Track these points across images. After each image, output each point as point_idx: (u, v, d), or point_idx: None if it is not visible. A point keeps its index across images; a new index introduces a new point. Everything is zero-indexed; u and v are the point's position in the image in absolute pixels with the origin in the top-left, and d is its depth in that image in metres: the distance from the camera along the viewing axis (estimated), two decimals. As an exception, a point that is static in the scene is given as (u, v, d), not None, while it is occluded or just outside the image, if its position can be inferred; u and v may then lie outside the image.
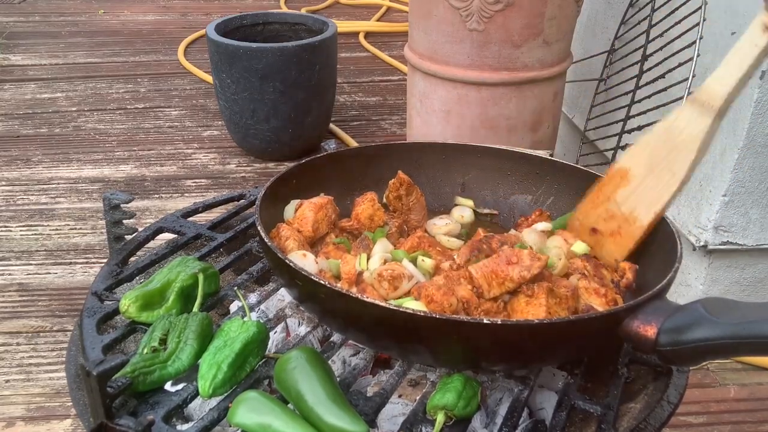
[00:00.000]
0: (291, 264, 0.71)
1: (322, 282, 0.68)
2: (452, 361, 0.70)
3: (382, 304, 0.65)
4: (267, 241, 0.75)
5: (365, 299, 0.66)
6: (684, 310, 0.63)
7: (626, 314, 0.65)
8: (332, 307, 0.71)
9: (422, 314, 0.64)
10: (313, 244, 0.88)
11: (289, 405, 0.66)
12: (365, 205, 0.91)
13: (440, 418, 0.65)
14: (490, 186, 1.02)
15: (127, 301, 0.75)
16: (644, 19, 1.86)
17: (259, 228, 0.77)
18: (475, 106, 1.83)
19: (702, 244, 1.64)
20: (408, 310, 0.64)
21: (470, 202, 1.02)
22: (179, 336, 0.70)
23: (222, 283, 0.85)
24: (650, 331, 0.63)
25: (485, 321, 0.64)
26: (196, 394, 0.67)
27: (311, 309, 0.78)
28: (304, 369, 0.66)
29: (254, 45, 2.33)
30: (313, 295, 0.71)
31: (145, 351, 0.68)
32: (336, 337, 0.77)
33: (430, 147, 1.03)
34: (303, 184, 0.92)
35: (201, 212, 1.02)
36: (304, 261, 0.80)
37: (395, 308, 0.64)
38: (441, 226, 0.96)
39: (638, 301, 0.65)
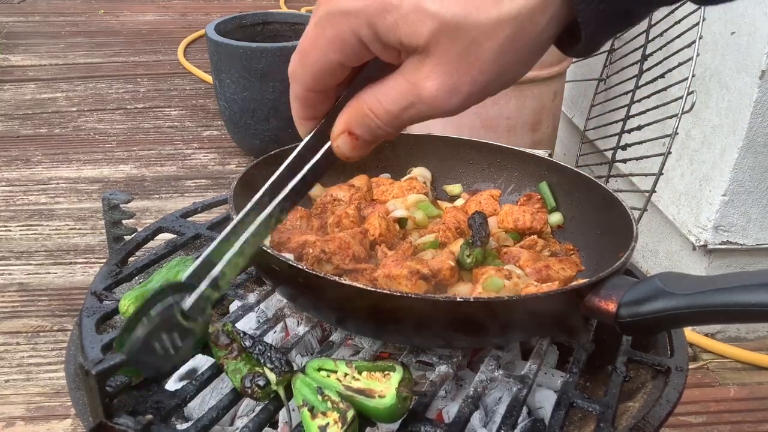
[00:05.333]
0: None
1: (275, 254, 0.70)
2: (419, 338, 0.73)
3: (332, 278, 0.67)
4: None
5: (319, 275, 0.67)
6: (642, 284, 0.67)
7: (588, 290, 0.69)
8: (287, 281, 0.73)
9: (370, 289, 0.66)
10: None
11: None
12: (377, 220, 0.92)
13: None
14: (453, 175, 1.05)
15: (127, 302, 0.75)
16: (644, 18, 1.86)
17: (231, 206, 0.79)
18: (474, 105, 1.83)
19: (702, 243, 1.64)
20: (357, 285, 0.66)
21: (459, 188, 1.05)
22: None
23: (221, 283, 0.85)
24: (611, 305, 0.67)
25: (458, 299, 0.66)
26: (196, 393, 0.67)
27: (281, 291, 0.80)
28: None
29: (254, 45, 2.33)
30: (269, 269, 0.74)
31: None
32: (335, 337, 0.78)
33: (396, 137, 1.06)
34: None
35: (200, 212, 1.02)
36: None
37: (338, 281, 0.66)
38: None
39: (599, 277, 0.69)
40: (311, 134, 0.54)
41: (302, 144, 0.54)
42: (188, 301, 0.55)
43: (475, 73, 0.44)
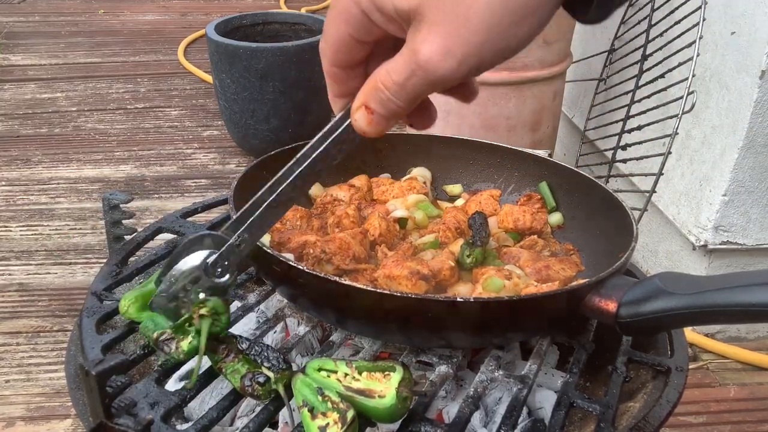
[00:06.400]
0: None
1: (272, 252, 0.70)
2: (420, 338, 0.73)
3: (333, 278, 0.67)
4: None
5: (320, 275, 0.67)
6: (642, 285, 0.67)
7: (588, 290, 0.69)
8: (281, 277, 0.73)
9: (370, 290, 0.66)
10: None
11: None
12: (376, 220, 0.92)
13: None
14: (453, 175, 1.05)
15: (127, 302, 0.75)
16: (644, 18, 1.86)
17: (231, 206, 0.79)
18: (474, 106, 1.83)
19: (702, 243, 1.64)
20: (357, 286, 0.66)
21: (459, 187, 1.05)
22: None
23: (221, 283, 0.85)
24: (611, 305, 0.67)
25: (458, 299, 0.66)
26: (196, 393, 0.67)
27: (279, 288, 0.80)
28: None
29: (254, 45, 2.33)
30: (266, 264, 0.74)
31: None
32: (335, 337, 0.78)
33: (395, 138, 1.06)
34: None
35: (200, 212, 1.02)
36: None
37: (338, 282, 0.66)
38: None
39: (599, 277, 0.69)
40: (342, 112, 0.56)
41: (333, 120, 0.57)
42: (212, 258, 0.61)
43: (466, 33, 0.44)
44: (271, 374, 0.64)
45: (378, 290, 0.67)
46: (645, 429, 0.68)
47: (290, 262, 0.70)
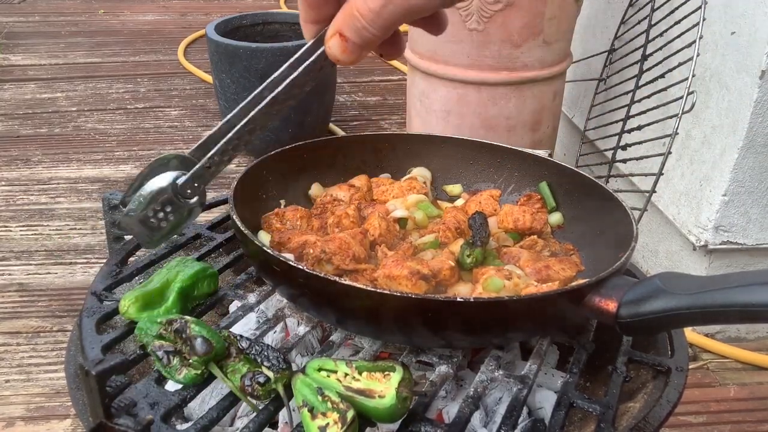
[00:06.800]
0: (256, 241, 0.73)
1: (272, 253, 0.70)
2: (420, 338, 0.73)
3: (332, 278, 0.67)
4: (239, 223, 0.76)
5: (318, 274, 0.68)
6: (642, 284, 0.67)
7: (588, 290, 0.69)
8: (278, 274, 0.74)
9: (373, 290, 0.66)
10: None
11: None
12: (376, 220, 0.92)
13: None
14: (453, 175, 1.05)
15: (127, 302, 0.75)
16: (644, 18, 1.86)
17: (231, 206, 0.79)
18: (474, 105, 1.83)
19: (702, 243, 1.64)
20: (357, 286, 0.66)
21: (459, 188, 1.05)
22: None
23: (221, 283, 0.85)
24: (611, 305, 0.67)
25: (458, 299, 0.67)
26: (196, 393, 0.67)
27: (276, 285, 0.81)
28: None
29: (254, 45, 2.33)
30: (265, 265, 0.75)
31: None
32: (335, 337, 0.78)
33: (395, 138, 1.06)
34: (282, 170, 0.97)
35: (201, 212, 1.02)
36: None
37: (338, 282, 0.67)
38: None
39: (600, 277, 0.69)
40: (314, 39, 0.57)
41: (304, 47, 0.58)
42: (182, 179, 0.62)
43: None
44: (271, 374, 0.64)
45: (378, 290, 0.67)
46: (645, 429, 0.68)
47: (290, 262, 0.70)
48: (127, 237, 0.94)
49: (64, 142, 2.71)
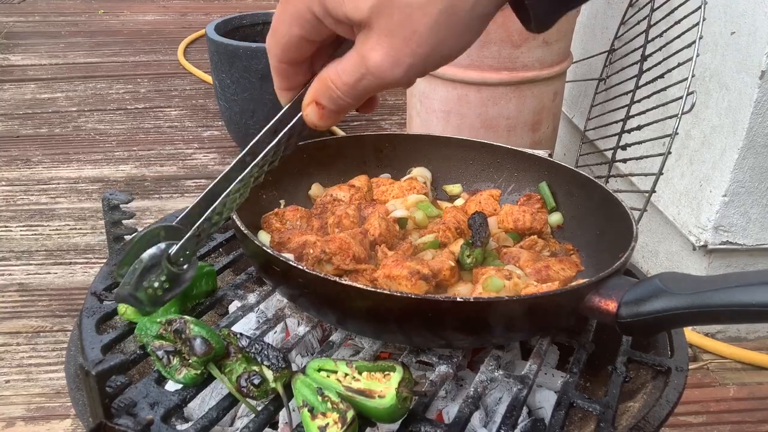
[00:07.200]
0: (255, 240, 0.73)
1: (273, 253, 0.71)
2: (420, 338, 0.73)
3: (333, 278, 0.68)
4: (239, 226, 0.76)
5: (320, 275, 0.68)
6: (642, 284, 0.67)
7: (588, 290, 0.69)
8: (279, 275, 0.74)
9: (371, 290, 0.66)
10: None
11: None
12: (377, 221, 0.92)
13: None
14: (453, 175, 1.05)
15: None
16: (644, 19, 1.86)
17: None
18: (475, 106, 1.83)
19: (702, 244, 1.64)
20: (358, 285, 0.66)
21: (458, 187, 1.05)
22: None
23: (221, 283, 0.85)
24: (611, 305, 0.67)
25: (458, 299, 0.67)
26: (196, 393, 0.67)
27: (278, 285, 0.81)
28: None
29: (254, 45, 2.33)
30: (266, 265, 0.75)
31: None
32: (335, 337, 0.78)
33: (396, 138, 1.07)
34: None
35: (200, 212, 1.02)
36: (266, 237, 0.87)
37: (338, 282, 0.67)
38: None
39: (599, 277, 0.69)
40: (290, 104, 0.60)
41: (282, 112, 0.60)
42: (173, 249, 0.64)
43: (413, 46, 0.48)
44: (270, 374, 0.64)
45: (378, 290, 0.67)
46: (645, 429, 0.68)
47: (290, 262, 0.70)
48: (127, 237, 0.94)
49: (64, 142, 2.71)
